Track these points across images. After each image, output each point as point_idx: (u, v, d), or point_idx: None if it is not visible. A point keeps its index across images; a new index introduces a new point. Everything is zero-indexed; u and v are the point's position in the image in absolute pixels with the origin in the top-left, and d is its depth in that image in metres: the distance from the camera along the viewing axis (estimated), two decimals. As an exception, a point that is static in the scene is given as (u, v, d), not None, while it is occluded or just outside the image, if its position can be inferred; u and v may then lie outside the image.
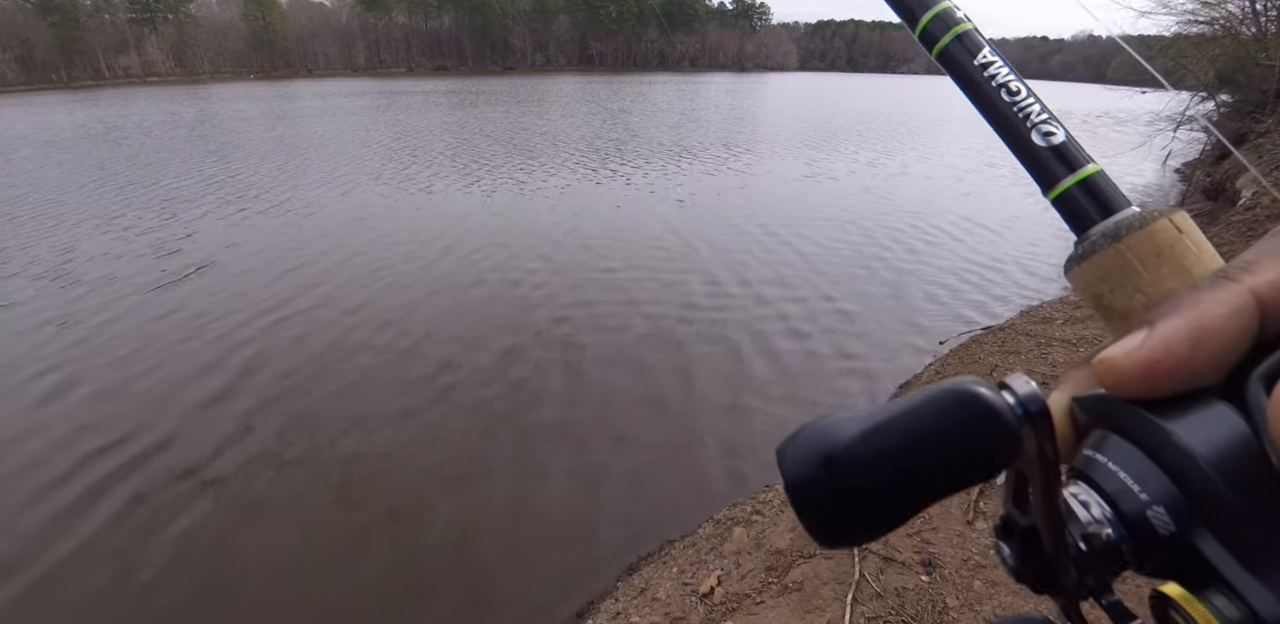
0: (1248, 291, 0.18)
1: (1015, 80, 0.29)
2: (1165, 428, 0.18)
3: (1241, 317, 0.18)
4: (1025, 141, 0.29)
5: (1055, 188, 0.28)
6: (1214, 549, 0.17)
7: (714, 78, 72.81)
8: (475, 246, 7.58)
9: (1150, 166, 13.09)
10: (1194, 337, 0.18)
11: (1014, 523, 0.22)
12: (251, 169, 12.65)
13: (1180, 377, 0.18)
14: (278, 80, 65.11)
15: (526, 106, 28.86)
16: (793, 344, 5.23)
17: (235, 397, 4.28)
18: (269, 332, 5.21)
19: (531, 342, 5.12)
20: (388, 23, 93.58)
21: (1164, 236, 0.24)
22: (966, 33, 0.31)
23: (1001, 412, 0.19)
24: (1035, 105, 0.29)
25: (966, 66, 0.30)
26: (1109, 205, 0.27)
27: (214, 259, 7.07)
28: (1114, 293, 0.25)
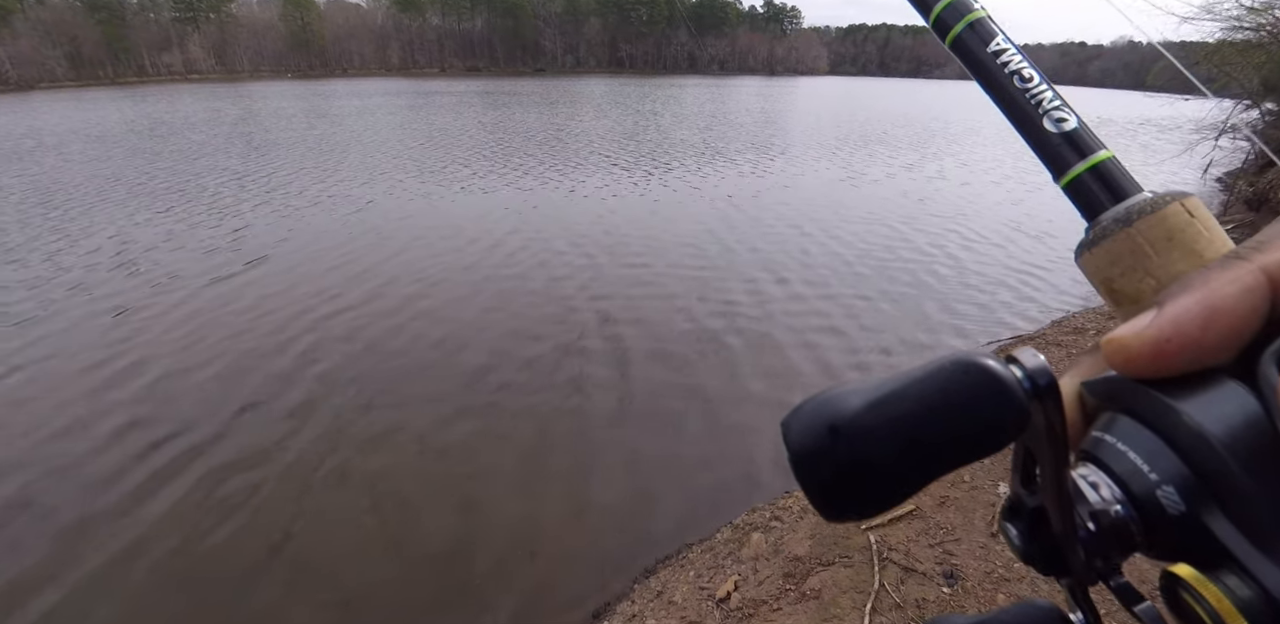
0: (1259, 270, 0.18)
1: (1028, 67, 0.30)
2: (1176, 407, 0.18)
3: (1253, 295, 0.17)
4: (1037, 128, 0.29)
5: (1066, 174, 0.28)
6: (1225, 529, 0.17)
7: (744, 81, 72.59)
8: (520, 244, 7.64)
9: (1191, 175, 12.75)
10: (1205, 315, 0.18)
11: (1021, 503, 0.21)
12: (296, 165, 12.91)
13: (1191, 355, 0.18)
14: (314, 79, 66.52)
15: (559, 107, 29.05)
16: (828, 343, 5.19)
17: (292, 387, 4.37)
18: (322, 326, 5.30)
19: (573, 339, 5.15)
20: (421, 24, 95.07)
21: (1175, 220, 0.24)
22: (979, 20, 0.31)
23: (1009, 383, 0.18)
24: (1047, 92, 0.29)
25: (979, 54, 0.31)
26: (1120, 191, 0.27)
27: (267, 253, 7.22)
28: (1124, 277, 0.25)
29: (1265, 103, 10.62)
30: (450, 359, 4.80)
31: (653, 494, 3.46)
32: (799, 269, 6.98)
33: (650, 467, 3.68)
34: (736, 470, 3.68)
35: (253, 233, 8.06)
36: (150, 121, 21.85)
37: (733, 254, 7.47)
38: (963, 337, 5.35)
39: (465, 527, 3.19)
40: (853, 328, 5.52)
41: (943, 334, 5.42)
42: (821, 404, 0.19)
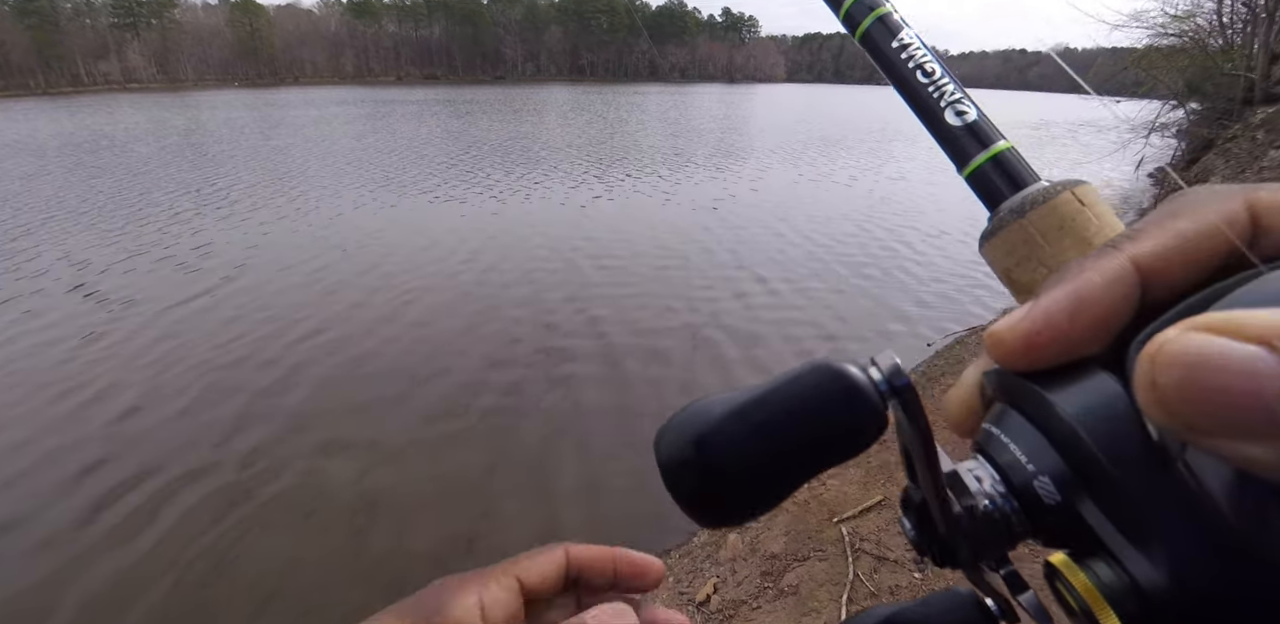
0: (1127, 260, 0.18)
1: (931, 61, 0.30)
2: (1049, 399, 0.18)
3: (1120, 285, 0.18)
4: (939, 121, 0.29)
5: (968, 165, 0.28)
6: (1096, 517, 0.17)
7: (705, 88, 73.50)
8: (499, 254, 7.49)
9: (1127, 170, 13.40)
10: (1073, 307, 0.18)
11: (909, 497, 0.22)
12: (256, 179, 12.38)
13: (1061, 347, 0.18)
14: (264, 88, 64.51)
15: (524, 115, 28.77)
16: (807, 335, 5.29)
17: (268, 417, 4.11)
18: (299, 349, 5.02)
19: (558, 343, 5.12)
20: (377, 30, 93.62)
21: (1066, 209, 0.25)
22: (887, 15, 0.32)
23: (863, 387, 0.19)
24: (949, 85, 0.29)
25: (885, 49, 0.31)
26: (1018, 180, 0.27)
27: (235, 272, 6.82)
28: (1020, 267, 0.26)
29: (1190, 102, 11.27)
30: (437, 379, 4.60)
31: (631, 502, 3.44)
32: (776, 267, 7.08)
33: (629, 473, 3.67)
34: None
35: (217, 250, 7.65)
36: (90, 134, 20.80)
37: (711, 254, 7.54)
38: (931, 327, 5.51)
39: (433, 543, 3.13)
40: (830, 320, 5.68)
41: (915, 324, 5.58)
42: (689, 416, 0.20)
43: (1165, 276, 0.18)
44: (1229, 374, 0.12)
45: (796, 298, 6.26)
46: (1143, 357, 0.14)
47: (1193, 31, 11.01)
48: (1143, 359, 0.14)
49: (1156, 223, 0.19)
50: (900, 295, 6.32)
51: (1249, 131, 7.83)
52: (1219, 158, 7.99)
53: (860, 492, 3.05)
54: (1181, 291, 0.18)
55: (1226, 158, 7.72)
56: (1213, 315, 0.14)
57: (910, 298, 6.24)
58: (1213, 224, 0.18)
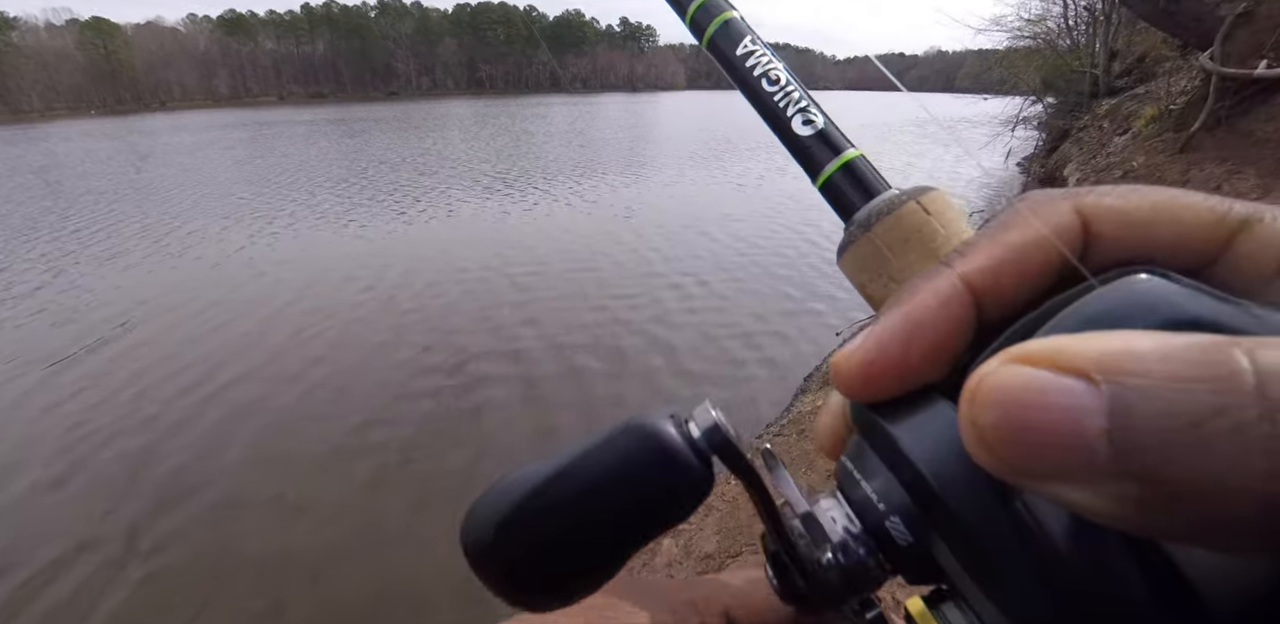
0: (958, 278, 0.17)
1: (777, 68, 0.29)
2: (891, 432, 0.17)
3: (952, 306, 0.17)
4: (788, 130, 0.28)
5: (820, 175, 0.27)
6: (947, 559, 0.16)
7: (608, 98, 73.95)
8: (429, 278, 7.18)
9: (998, 161, 14.66)
10: (906, 333, 0.17)
11: (767, 545, 0.21)
12: (133, 214, 11.21)
13: (899, 376, 0.17)
14: (126, 115, 58.88)
15: (426, 132, 27.90)
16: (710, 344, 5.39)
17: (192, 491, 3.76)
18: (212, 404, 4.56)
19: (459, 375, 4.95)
20: (253, 48, 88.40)
21: (911, 220, 0.24)
22: (731, 20, 0.30)
23: (678, 449, 0.18)
24: (796, 93, 0.29)
25: (730, 56, 0.30)
26: (868, 190, 0.26)
27: (126, 321, 6.08)
28: (873, 282, 0.25)
29: (1046, 97, 12.47)
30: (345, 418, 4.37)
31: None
32: (695, 269, 7.26)
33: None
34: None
35: (100, 300, 6.81)
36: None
37: (627, 263, 7.59)
38: (841, 317, 5.77)
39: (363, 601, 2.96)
40: (747, 317, 5.89)
41: (825, 316, 5.86)
42: (493, 497, 0.19)
43: (998, 293, 0.17)
44: (1047, 412, 0.12)
45: (713, 299, 6.42)
46: (963, 393, 0.13)
47: (1045, 34, 12.25)
48: (963, 396, 0.13)
49: (988, 235, 0.18)
50: (812, 289, 6.60)
51: (1096, 121, 8.77)
52: (1074, 146, 8.88)
53: (786, 481, 3.13)
54: (1017, 308, 0.17)
55: (1080, 146, 8.60)
56: (1031, 344, 0.13)
57: (821, 291, 6.54)
58: (1042, 234, 0.17)
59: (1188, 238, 0.16)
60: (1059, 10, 11.64)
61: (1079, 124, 9.60)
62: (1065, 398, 0.11)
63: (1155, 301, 0.14)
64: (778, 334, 5.55)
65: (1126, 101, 8.32)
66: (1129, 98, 8.44)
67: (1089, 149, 7.95)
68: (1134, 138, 5.16)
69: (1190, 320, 0.13)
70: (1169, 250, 0.16)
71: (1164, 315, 0.14)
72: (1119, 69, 10.26)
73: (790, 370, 4.97)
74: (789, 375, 4.89)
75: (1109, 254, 0.17)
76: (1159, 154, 3.77)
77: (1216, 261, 0.16)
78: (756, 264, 7.40)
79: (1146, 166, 3.73)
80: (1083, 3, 10.92)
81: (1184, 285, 0.14)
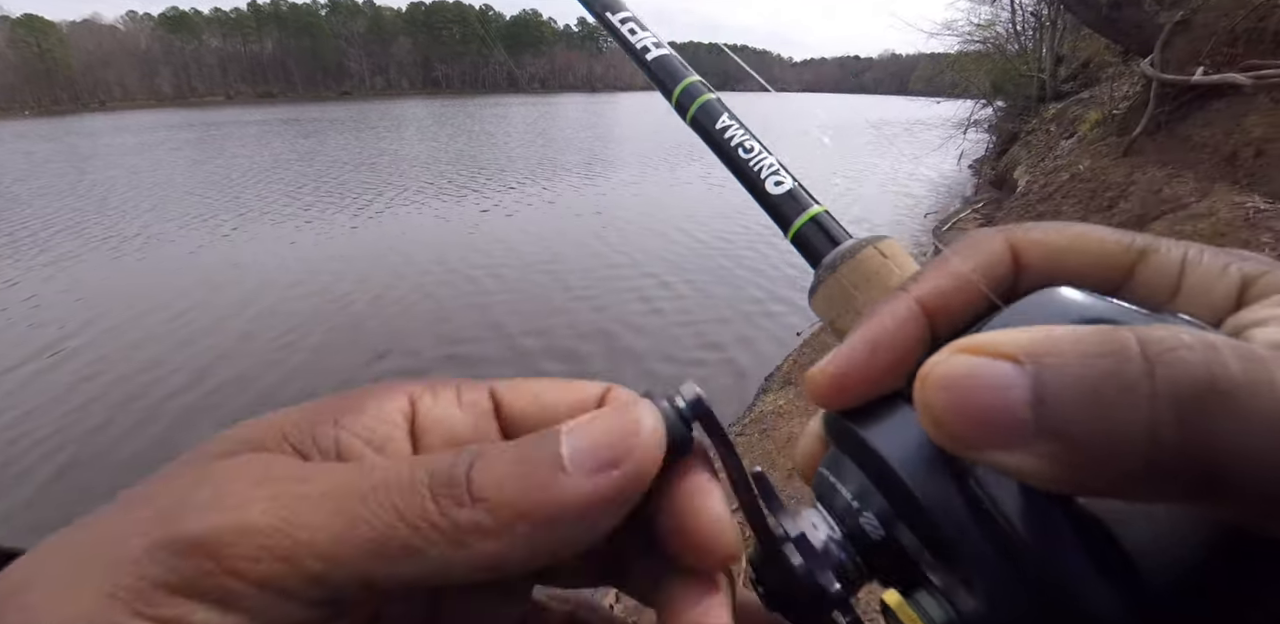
0: (912, 300, 0.20)
1: (750, 139, 0.34)
2: (860, 433, 0.19)
3: (909, 323, 0.19)
4: (762, 191, 0.33)
5: (790, 229, 0.31)
6: (914, 545, 0.18)
7: (567, 98, 73.79)
8: (389, 279, 7.05)
9: (951, 164, 15.06)
10: (869, 346, 0.19)
11: (752, 554, 0.23)
12: (78, 219, 10.60)
13: (865, 384, 0.19)
14: (62, 116, 56.01)
15: (382, 132, 27.31)
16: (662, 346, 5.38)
17: None
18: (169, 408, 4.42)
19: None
20: (198, 47, 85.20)
21: (870, 263, 0.27)
22: (709, 102, 0.36)
23: (666, 413, 0.20)
24: (768, 159, 0.33)
25: (710, 130, 0.35)
26: (833, 239, 0.30)
27: (80, 330, 5.79)
28: (841, 317, 0.28)
29: (996, 101, 12.85)
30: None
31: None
32: (669, 269, 7.35)
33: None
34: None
35: (48, 303, 6.51)
36: None
37: (592, 263, 7.57)
38: (803, 316, 5.84)
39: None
40: (711, 321, 5.95)
41: (786, 317, 5.93)
42: None
43: (947, 312, 0.20)
44: (983, 389, 0.14)
45: (675, 301, 6.43)
46: (916, 381, 0.15)
47: (994, 38, 12.61)
48: (916, 384, 0.15)
49: (935, 266, 0.21)
50: (772, 291, 6.65)
51: (1044, 125, 9.07)
52: (1023, 149, 9.18)
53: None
54: (964, 325, 0.20)
55: (1029, 149, 8.88)
56: (970, 338, 0.15)
57: (781, 294, 6.59)
58: (978, 264, 0.20)
59: (1098, 264, 0.19)
60: (1007, 16, 12.00)
61: (1027, 127, 9.92)
62: (998, 378, 0.14)
63: (1069, 305, 0.17)
64: (739, 334, 5.58)
65: (1072, 106, 8.62)
66: (1074, 102, 8.76)
67: (1037, 152, 8.22)
68: (1080, 141, 5.34)
69: (1096, 318, 0.17)
70: (1083, 275, 0.19)
71: (1076, 315, 0.17)
72: (1065, 74, 10.63)
73: (752, 370, 4.99)
74: (751, 374, 4.91)
75: (1036, 278, 0.20)
76: (1104, 157, 3.89)
77: (1123, 286, 0.19)
78: (718, 265, 7.44)
79: (1092, 169, 3.85)
80: (1030, 8, 11.29)
81: (1093, 295, 0.18)
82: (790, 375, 4.47)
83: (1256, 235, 2.51)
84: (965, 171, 14.36)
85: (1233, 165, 3.04)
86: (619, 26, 0.39)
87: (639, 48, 0.38)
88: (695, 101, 0.36)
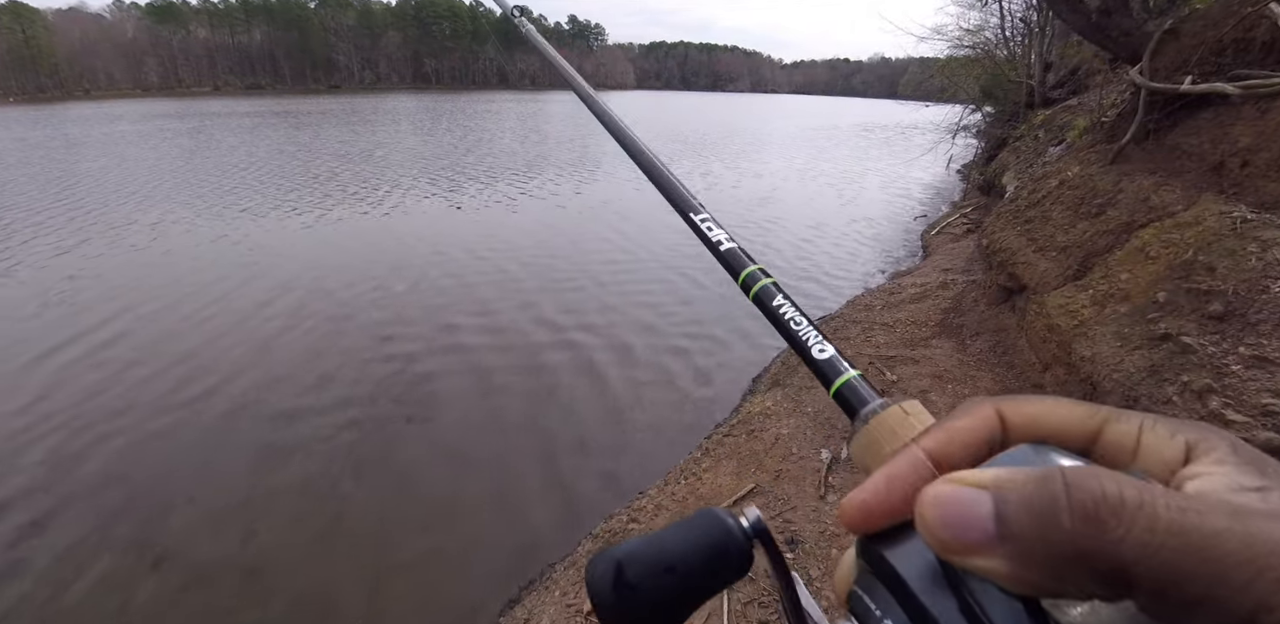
0: (920, 450, 0.25)
1: (798, 315, 0.41)
2: (885, 556, 0.23)
3: (917, 467, 0.25)
4: (810, 356, 0.39)
5: (832, 387, 0.37)
6: None
7: (558, 96, 73.36)
8: (420, 268, 7.23)
9: (940, 168, 15.10)
10: (887, 483, 0.25)
11: None
12: (96, 204, 10.59)
13: (884, 512, 0.24)
14: (47, 103, 55.34)
15: (377, 126, 27.38)
16: (653, 349, 5.35)
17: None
18: (204, 400, 4.42)
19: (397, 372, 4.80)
20: (185, 37, 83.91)
21: (895, 419, 0.33)
22: (766, 286, 0.43)
23: (734, 532, 0.28)
24: (813, 332, 0.40)
25: (769, 307, 0.42)
26: (865, 398, 0.36)
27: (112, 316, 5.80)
28: (871, 462, 0.33)
29: (985, 106, 12.91)
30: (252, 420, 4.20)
31: (506, 518, 3.30)
32: (667, 274, 7.43)
33: (500, 488, 3.51)
34: (590, 478, 3.64)
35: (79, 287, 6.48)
36: None
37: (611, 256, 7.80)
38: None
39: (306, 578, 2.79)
40: (719, 316, 6.09)
41: (755, 324, 5.91)
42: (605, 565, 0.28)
43: (949, 459, 0.25)
44: (961, 506, 0.20)
45: (674, 307, 6.40)
46: (917, 501, 0.22)
47: (983, 44, 12.62)
48: (916, 501, 0.22)
49: (940, 425, 0.26)
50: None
51: (1032, 131, 9.09)
52: (1011, 155, 9.21)
53: (734, 482, 3.12)
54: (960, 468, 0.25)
55: (1017, 154, 8.91)
56: (957, 473, 0.22)
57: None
58: (973, 424, 0.26)
59: (1068, 426, 0.25)
60: (996, 21, 12.04)
61: (1016, 133, 9.95)
62: (971, 501, 0.20)
63: (1030, 455, 0.23)
64: (722, 340, 5.56)
65: (1061, 112, 8.65)
66: (1063, 108, 8.78)
67: (1026, 158, 8.25)
68: (1068, 148, 5.35)
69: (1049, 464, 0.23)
70: (1055, 435, 0.25)
71: (1036, 463, 0.23)
72: (1053, 80, 10.66)
73: (740, 373, 4.98)
74: (739, 378, 4.90)
75: (1018, 437, 0.25)
76: (1092, 164, 3.89)
77: (1091, 448, 0.24)
78: (710, 271, 7.42)
79: (1081, 177, 3.85)
80: (1019, 14, 11.32)
81: (1052, 449, 0.24)
82: (779, 377, 4.47)
83: (1243, 244, 2.51)
84: (954, 176, 14.44)
85: (1220, 174, 3.05)
86: (699, 225, 0.49)
87: (714, 242, 0.47)
88: (758, 284, 0.44)
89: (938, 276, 5.98)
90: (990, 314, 4.32)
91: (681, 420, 4.29)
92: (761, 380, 4.75)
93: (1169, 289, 2.65)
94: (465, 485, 3.57)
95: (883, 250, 8.62)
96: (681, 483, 3.23)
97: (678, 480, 3.27)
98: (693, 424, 4.20)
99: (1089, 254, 3.33)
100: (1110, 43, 4.24)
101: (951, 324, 4.60)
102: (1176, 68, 3.47)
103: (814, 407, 3.66)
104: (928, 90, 16.78)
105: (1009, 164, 8.84)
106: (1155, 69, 3.58)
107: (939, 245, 8.05)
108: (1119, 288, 2.94)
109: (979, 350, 4.10)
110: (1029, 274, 3.75)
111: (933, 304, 5.18)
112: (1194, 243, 2.72)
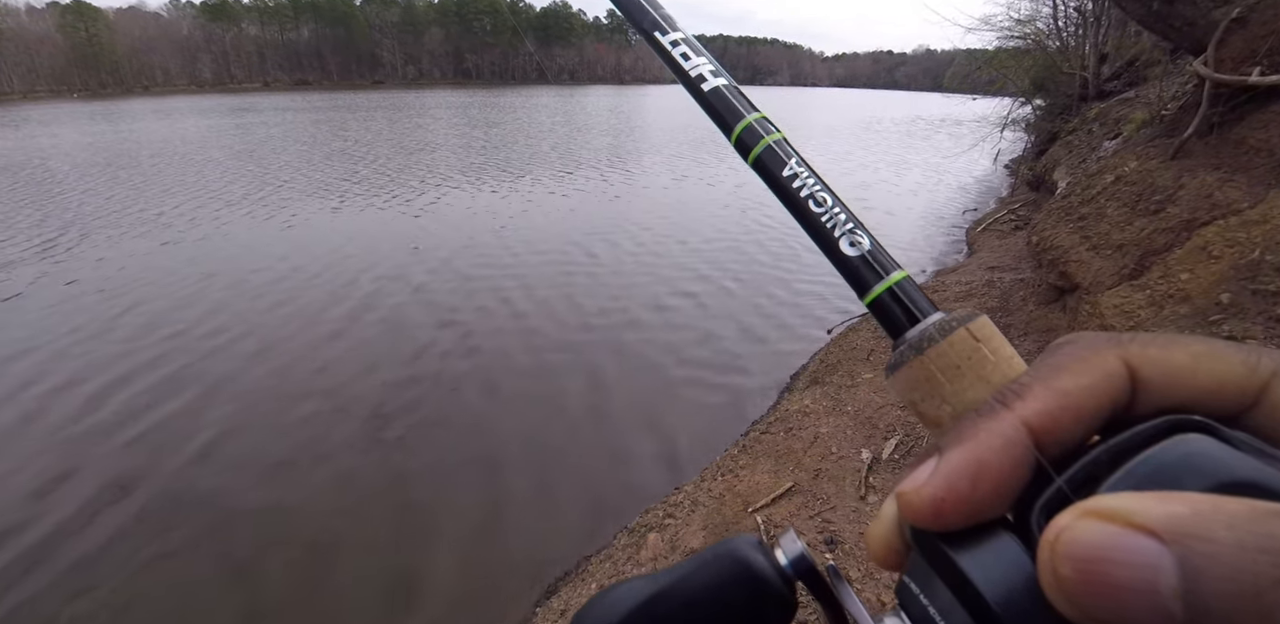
0: (1019, 421, 0.18)
1: (822, 190, 0.30)
2: (957, 562, 0.18)
3: (1015, 448, 0.18)
4: (836, 251, 0.29)
5: (867, 294, 0.28)
6: None
7: (597, 90, 73.64)
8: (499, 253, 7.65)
9: (986, 163, 14.66)
10: (973, 472, 0.18)
11: None
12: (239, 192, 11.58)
13: (966, 512, 0.18)
14: (108, 99, 57.68)
15: (430, 120, 28.02)
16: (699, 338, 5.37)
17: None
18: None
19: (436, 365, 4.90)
20: (237, 34, 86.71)
21: (961, 347, 0.25)
22: (776, 142, 0.32)
23: (767, 576, 0.20)
24: (842, 215, 0.29)
25: (777, 176, 0.31)
26: (917, 311, 0.27)
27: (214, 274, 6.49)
28: (925, 402, 0.26)
29: (1035, 99, 12.47)
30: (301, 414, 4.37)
31: (544, 511, 3.36)
32: (704, 267, 7.41)
33: (536, 482, 3.57)
34: (626, 472, 3.67)
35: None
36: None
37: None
38: (836, 309, 5.88)
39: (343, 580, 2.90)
40: (759, 309, 6.11)
41: (813, 310, 6.00)
42: (600, 610, 0.21)
43: (1055, 434, 0.18)
44: (1125, 568, 0.13)
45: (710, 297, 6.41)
46: (1043, 543, 0.15)
47: (1034, 34, 12.17)
48: (1043, 546, 0.15)
49: (1042, 379, 0.19)
50: (795, 289, 6.59)
51: (1086, 125, 8.76)
52: (1063, 149, 8.89)
53: (772, 480, 3.11)
54: (1071, 447, 0.19)
55: (1069, 149, 8.60)
56: (1103, 501, 0.14)
57: (803, 289, 6.53)
58: (1094, 383, 0.18)
59: (1224, 387, 0.18)
60: (1049, 11, 11.57)
61: (1068, 127, 9.60)
62: (1139, 556, 0.13)
63: (1206, 463, 0.16)
64: (762, 334, 5.53)
65: (1116, 105, 8.32)
66: (1119, 102, 8.44)
67: (1078, 152, 7.96)
68: (1124, 142, 5.16)
69: (1240, 482, 0.15)
70: (1207, 398, 0.18)
71: (1216, 477, 0.15)
72: (1109, 72, 10.24)
73: (778, 368, 4.95)
74: (776, 373, 4.88)
75: (1154, 401, 0.18)
76: (1151, 159, 3.75)
77: (1250, 409, 0.18)
78: (751, 265, 7.40)
79: (1138, 172, 3.71)
80: (1073, 4, 10.88)
81: (1229, 444, 0.16)
82: (818, 375, 4.43)
83: (1314, 244, 2.40)
84: (1001, 171, 14.00)
85: (1290, 170, 2.92)
86: (670, 50, 0.35)
87: (693, 76, 0.34)
88: (759, 142, 0.32)
89: (984, 275, 5.84)
90: (1039, 314, 4.21)
91: (719, 417, 4.29)
92: (800, 377, 4.72)
93: (1233, 290, 2.56)
94: (506, 470, 3.65)
95: (926, 247, 8.44)
96: (719, 479, 3.24)
97: (714, 477, 3.28)
98: (730, 419, 4.21)
99: (1146, 253, 3.22)
100: (1172, 32, 4.06)
101: (999, 324, 4.41)
102: (1244, 58, 3.32)
103: (854, 406, 3.62)
104: (974, 83, 16.26)
105: (1060, 159, 8.54)
106: (1220, 60, 3.42)
107: (984, 242, 7.84)
108: (1179, 288, 2.84)
109: (1027, 352, 3.99)
110: (1082, 273, 3.65)
111: (979, 303, 5.06)
112: (1261, 242, 2.61)
